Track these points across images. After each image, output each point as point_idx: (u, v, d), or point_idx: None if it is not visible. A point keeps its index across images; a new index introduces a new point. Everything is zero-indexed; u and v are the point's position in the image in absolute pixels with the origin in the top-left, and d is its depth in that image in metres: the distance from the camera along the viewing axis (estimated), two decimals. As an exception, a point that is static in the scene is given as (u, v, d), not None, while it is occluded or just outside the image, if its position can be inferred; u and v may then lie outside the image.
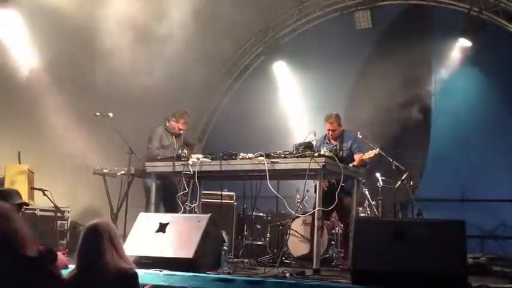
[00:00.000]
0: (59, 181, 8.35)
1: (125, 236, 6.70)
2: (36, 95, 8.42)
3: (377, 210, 8.21)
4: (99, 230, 3.53)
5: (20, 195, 5.10)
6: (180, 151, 6.83)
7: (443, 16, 9.86)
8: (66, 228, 8.03)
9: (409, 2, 10.11)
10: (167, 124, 7.64)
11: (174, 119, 7.59)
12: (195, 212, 7.17)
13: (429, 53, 9.63)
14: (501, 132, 9.11)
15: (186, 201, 7.16)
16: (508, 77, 9.10)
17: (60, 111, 8.64)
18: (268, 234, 8.74)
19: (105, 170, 7.34)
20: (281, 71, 11.00)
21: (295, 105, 10.73)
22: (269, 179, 6.17)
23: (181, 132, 7.64)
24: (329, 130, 7.26)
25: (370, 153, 7.11)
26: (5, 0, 7.97)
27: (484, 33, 9.22)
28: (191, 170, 6.55)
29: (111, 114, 7.14)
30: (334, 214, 7.56)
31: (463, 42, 9.39)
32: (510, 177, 8.77)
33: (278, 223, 8.57)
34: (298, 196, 8.23)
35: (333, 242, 7.85)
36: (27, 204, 5.33)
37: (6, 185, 7.27)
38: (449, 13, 9.69)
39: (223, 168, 6.40)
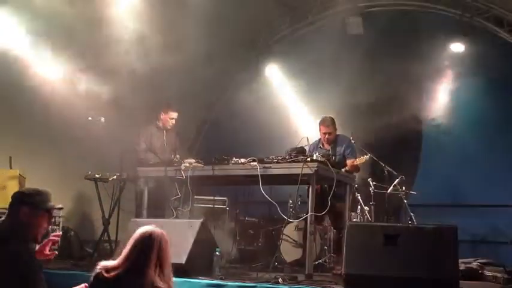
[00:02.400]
0: (50, 186, 8.27)
1: (116, 242, 6.68)
2: (28, 100, 8.38)
3: (369, 215, 8.22)
4: (150, 239, 3.32)
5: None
6: (172, 154, 6.85)
7: (435, 21, 9.90)
8: (57, 233, 7.98)
9: (401, 8, 10.15)
10: (158, 123, 7.62)
11: (163, 112, 7.59)
12: (187, 217, 7.16)
13: (421, 58, 9.66)
14: (493, 137, 9.14)
15: (178, 206, 7.14)
16: (499, 82, 9.15)
17: (52, 116, 8.60)
18: (260, 240, 8.73)
19: (96, 175, 7.31)
20: (273, 77, 11.01)
21: (287, 110, 10.74)
22: (262, 184, 6.17)
23: (173, 122, 7.60)
24: (325, 133, 7.24)
25: (362, 159, 7.12)
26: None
27: (475, 39, 9.28)
28: (183, 175, 6.55)
29: (103, 119, 7.13)
30: (327, 219, 7.56)
31: (455, 48, 9.43)
32: (502, 182, 8.80)
33: (271, 228, 8.57)
34: (290, 201, 8.23)
35: (325, 247, 7.85)
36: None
37: (-2, 190, 7.22)
38: (441, 19, 9.74)
39: (216, 173, 6.41)
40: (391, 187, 7.92)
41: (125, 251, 3.33)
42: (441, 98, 9.68)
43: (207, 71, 10.82)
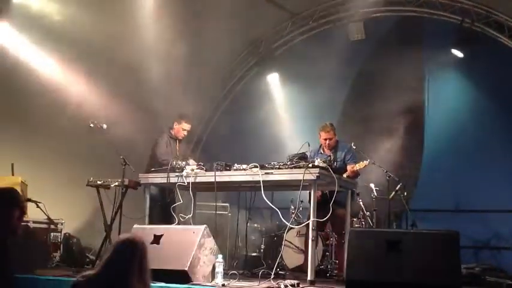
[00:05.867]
0: (53, 193, 8.30)
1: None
2: (30, 106, 8.40)
3: (371, 221, 8.22)
4: (133, 247, 3.28)
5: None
6: (178, 161, 6.86)
7: (435, 27, 9.93)
8: (59, 240, 8.00)
9: (402, 14, 10.19)
10: (171, 132, 7.66)
11: (176, 122, 7.61)
12: (189, 224, 7.15)
13: (422, 64, 9.69)
14: (494, 142, 9.14)
15: (180, 213, 7.13)
16: (500, 87, 9.15)
17: (54, 123, 8.62)
18: (262, 246, 8.73)
19: (98, 182, 7.31)
20: (274, 82, 11.03)
21: (289, 116, 10.75)
22: (263, 190, 6.17)
23: (185, 134, 7.65)
24: (325, 139, 7.27)
25: (362, 164, 7.13)
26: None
27: (476, 44, 9.29)
28: (185, 181, 6.56)
29: (105, 126, 7.13)
30: (329, 225, 7.56)
31: (456, 53, 9.44)
32: (504, 187, 8.79)
33: (272, 234, 8.56)
34: (292, 207, 8.23)
35: (327, 253, 7.84)
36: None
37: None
38: (442, 24, 9.76)
39: (218, 180, 6.40)
40: (393, 193, 7.91)
41: (106, 258, 3.30)
42: (443, 104, 9.68)
43: (208, 78, 10.88)
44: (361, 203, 8.20)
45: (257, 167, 6.21)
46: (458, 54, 9.43)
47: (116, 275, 3.21)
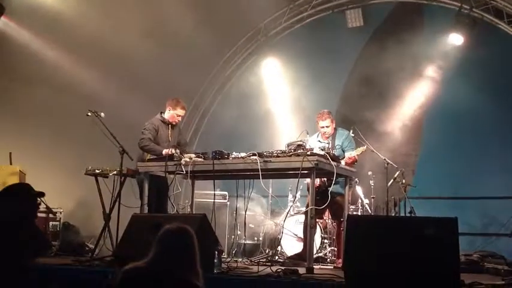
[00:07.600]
0: (51, 182, 8.30)
1: (117, 237, 6.69)
2: (27, 96, 8.39)
3: (370, 208, 8.23)
4: (185, 237, 3.22)
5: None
6: (173, 150, 6.81)
7: (434, 14, 9.90)
8: (58, 229, 8.01)
9: (400, 0, 10.14)
10: (163, 115, 7.52)
11: (170, 108, 7.44)
12: (188, 212, 7.16)
13: (420, 50, 9.65)
14: (492, 129, 9.13)
15: (179, 201, 7.13)
16: (499, 74, 9.13)
17: (52, 112, 8.61)
18: (261, 234, 8.75)
19: (97, 171, 7.29)
20: (272, 69, 11.00)
21: (287, 103, 10.73)
22: (262, 178, 6.17)
23: (179, 119, 7.52)
24: (322, 127, 7.25)
25: (358, 151, 7.12)
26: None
27: (474, 31, 9.25)
28: (184, 170, 6.55)
29: (102, 114, 7.09)
30: (328, 213, 7.57)
31: (454, 40, 9.41)
32: (501, 174, 8.79)
33: (271, 222, 8.58)
34: (291, 195, 8.24)
35: (326, 241, 7.86)
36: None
37: (-2, 187, 7.21)
38: (440, 11, 9.74)
39: (216, 168, 6.39)
40: (392, 180, 7.92)
41: (155, 250, 3.17)
42: (442, 91, 9.65)
43: (206, 64, 10.85)
44: (359, 190, 8.21)
45: (255, 155, 6.19)
46: (458, 41, 9.39)
47: (167, 266, 3.09)
